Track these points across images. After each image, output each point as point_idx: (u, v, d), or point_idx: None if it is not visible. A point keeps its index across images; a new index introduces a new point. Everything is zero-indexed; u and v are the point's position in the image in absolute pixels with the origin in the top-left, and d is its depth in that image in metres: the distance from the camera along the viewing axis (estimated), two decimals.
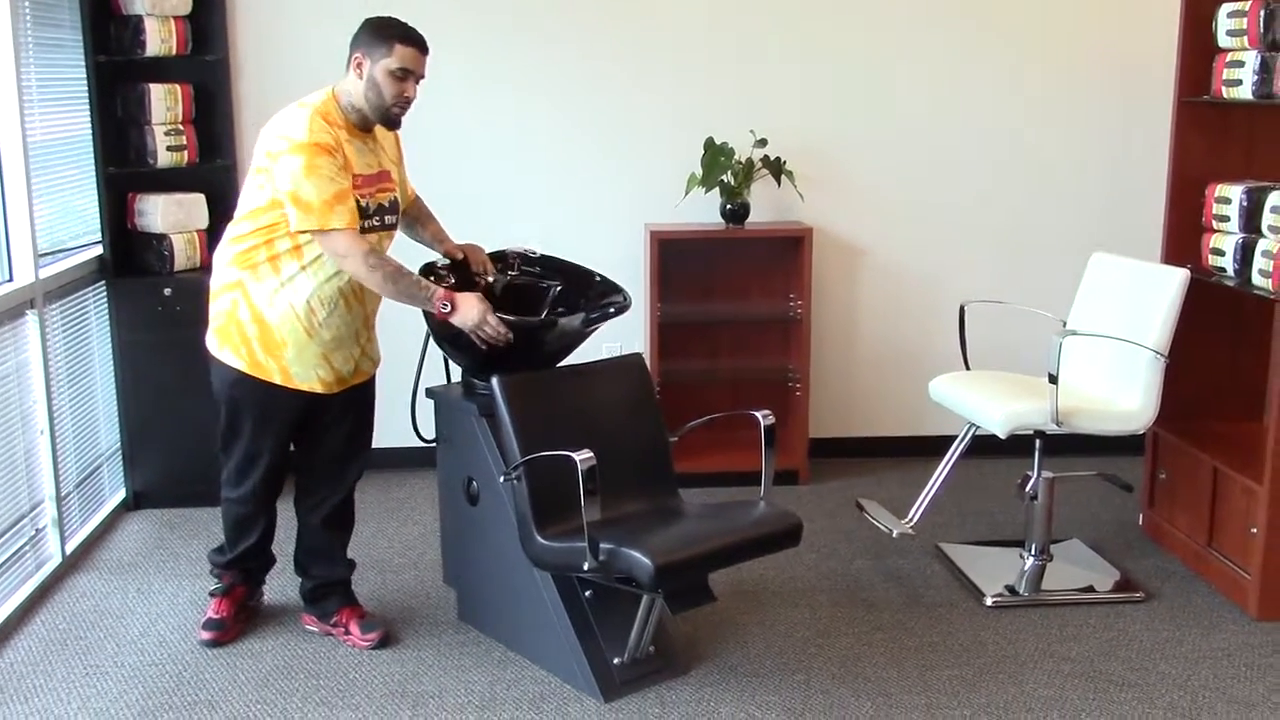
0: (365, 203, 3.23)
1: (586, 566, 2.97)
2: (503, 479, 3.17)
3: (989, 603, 3.72)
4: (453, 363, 3.61)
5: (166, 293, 4.39)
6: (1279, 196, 3.61)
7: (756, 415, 3.31)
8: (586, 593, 3.25)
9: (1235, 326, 4.07)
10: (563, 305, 3.58)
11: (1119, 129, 4.93)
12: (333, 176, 3.09)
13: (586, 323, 3.40)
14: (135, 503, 4.57)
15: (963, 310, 4.18)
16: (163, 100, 4.39)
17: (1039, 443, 3.86)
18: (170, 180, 4.51)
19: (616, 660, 3.22)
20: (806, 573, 3.99)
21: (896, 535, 3.90)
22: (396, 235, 3.46)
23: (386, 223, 3.34)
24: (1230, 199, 3.81)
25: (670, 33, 4.80)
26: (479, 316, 3.17)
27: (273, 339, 3.26)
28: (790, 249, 4.84)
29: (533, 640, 3.36)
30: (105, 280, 4.41)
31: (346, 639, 3.51)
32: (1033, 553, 3.92)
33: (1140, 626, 3.59)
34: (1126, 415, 3.70)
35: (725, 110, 4.82)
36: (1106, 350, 3.83)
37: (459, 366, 3.56)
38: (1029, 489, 3.88)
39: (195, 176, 4.56)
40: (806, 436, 4.86)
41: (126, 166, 4.41)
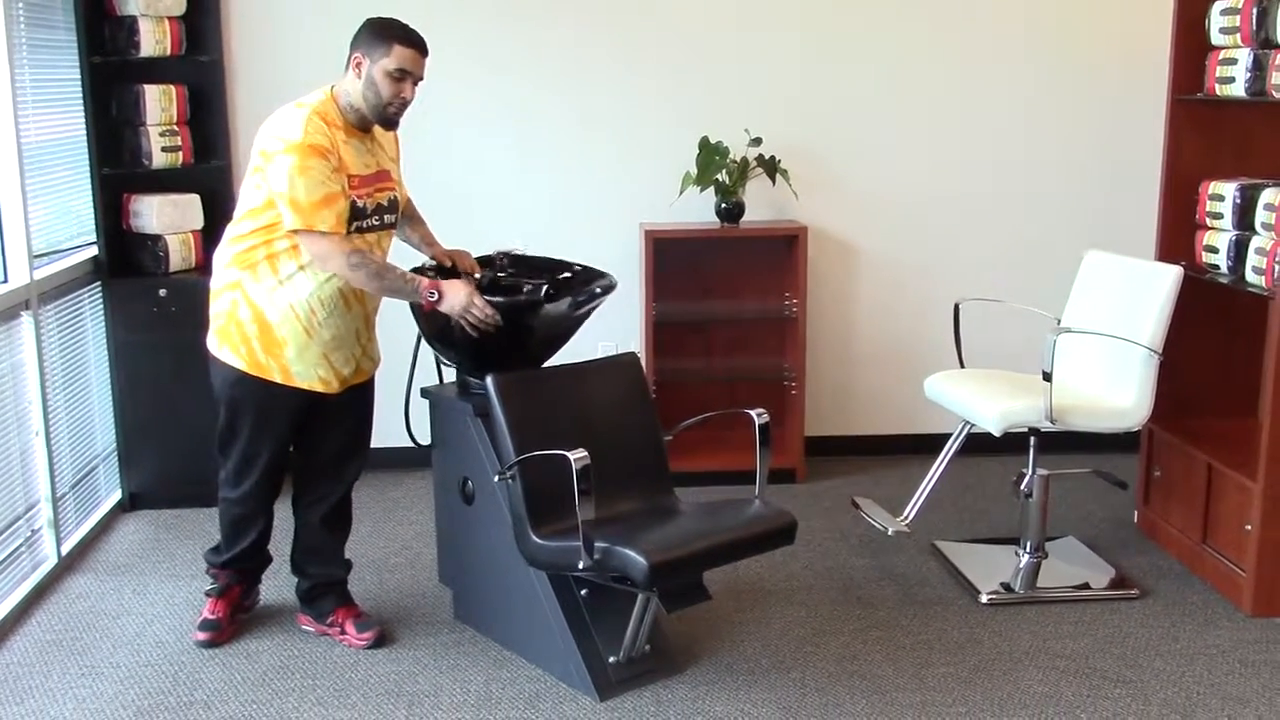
0: (363, 203, 3.23)
1: (581, 565, 2.97)
2: (498, 478, 3.18)
3: (984, 600, 3.73)
4: (445, 362, 3.60)
5: (162, 293, 4.40)
6: (1272, 194, 3.63)
7: (751, 414, 3.31)
8: (582, 592, 3.25)
9: (1229, 323, 4.08)
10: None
11: (1113, 127, 4.93)
12: (323, 179, 3.09)
13: (574, 306, 3.40)
14: (131, 503, 4.57)
15: (957, 308, 4.19)
16: (157, 101, 4.39)
17: (1034, 440, 3.86)
18: (165, 181, 4.51)
19: (612, 659, 3.22)
20: (802, 571, 3.99)
21: (892, 533, 3.91)
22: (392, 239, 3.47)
23: (386, 221, 3.34)
24: (1224, 196, 3.82)
25: (665, 32, 4.81)
26: (465, 299, 3.17)
27: (273, 338, 3.26)
28: (785, 248, 4.84)
29: (528, 639, 3.37)
30: (100, 281, 4.41)
31: (342, 639, 3.51)
32: (1028, 550, 3.93)
33: (1135, 623, 3.60)
34: (1121, 412, 3.71)
35: (720, 109, 4.82)
36: (1101, 348, 3.84)
37: (451, 365, 3.55)
38: (1024, 486, 3.88)
39: (190, 177, 4.57)
40: (802, 435, 4.87)
41: (121, 167, 4.41)
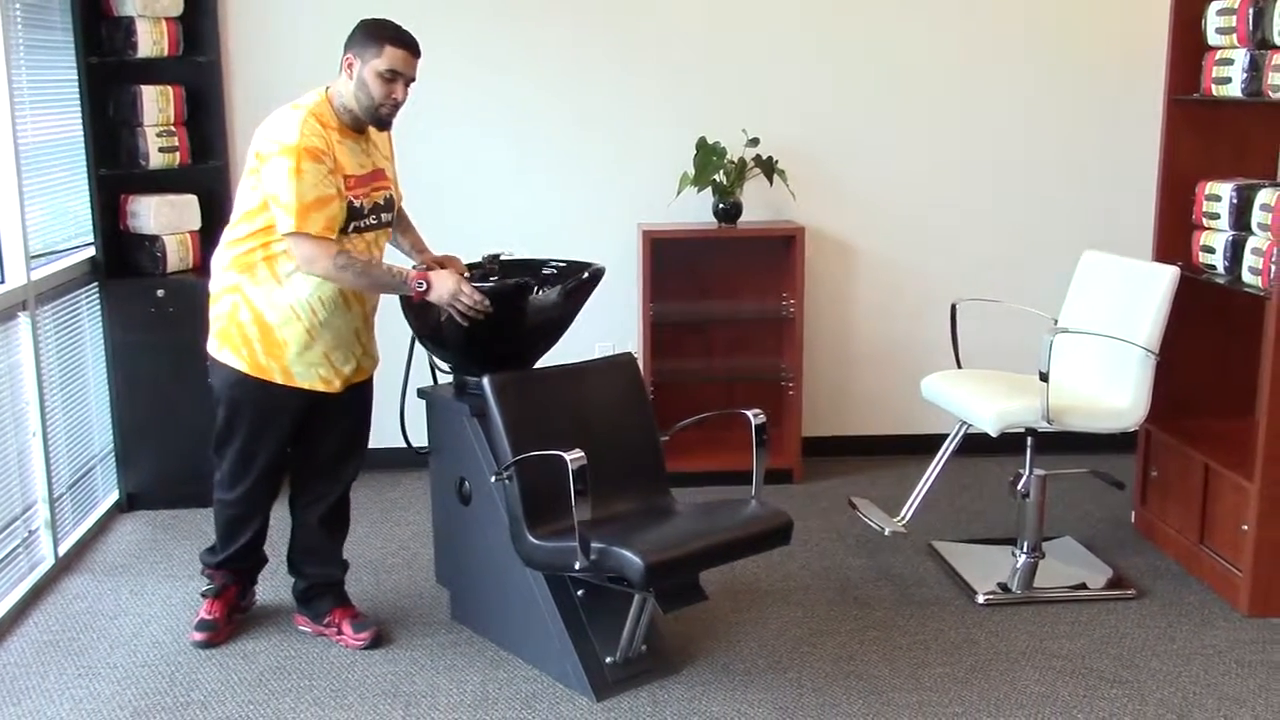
0: (360, 203, 3.23)
1: (578, 566, 2.97)
2: (494, 479, 3.18)
3: (981, 600, 3.73)
4: (441, 367, 3.60)
5: (159, 294, 4.40)
6: (1269, 194, 3.63)
7: (747, 414, 3.31)
8: (579, 592, 3.25)
9: (1226, 324, 4.08)
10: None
11: (1110, 127, 4.93)
12: (316, 182, 3.09)
13: (564, 293, 3.39)
14: (129, 504, 4.57)
15: (954, 309, 4.19)
16: (155, 102, 4.39)
17: (1031, 440, 3.86)
18: (162, 181, 4.51)
19: (609, 659, 3.22)
20: (799, 571, 3.99)
21: (889, 533, 3.91)
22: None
23: (383, 220, 3.35)
24: (1220, 197, 3.82)
25: (662, 33, 4.81)
26: (454, 287, 3.18)
27: (274, 339, 3.26)
28: (782, 248, 4.84)
29: (525, 640, 3.37)
30: (98, 282, 4.41)
31: (339, 639, 3.51)
32: (1025, 550, 3.93)
33: (1132, 623, 3.60)
34: (1117, 413, 3.72)
35: (717, 110, 4.82)
36: (1098, 348, 3.84)
37: (445, 365, 3.55)
38: (1021, 487, 3.88)
39: (187, 178, 4.57)
40: (799, 435, 4.87)
41: (118, 168, 4.41)
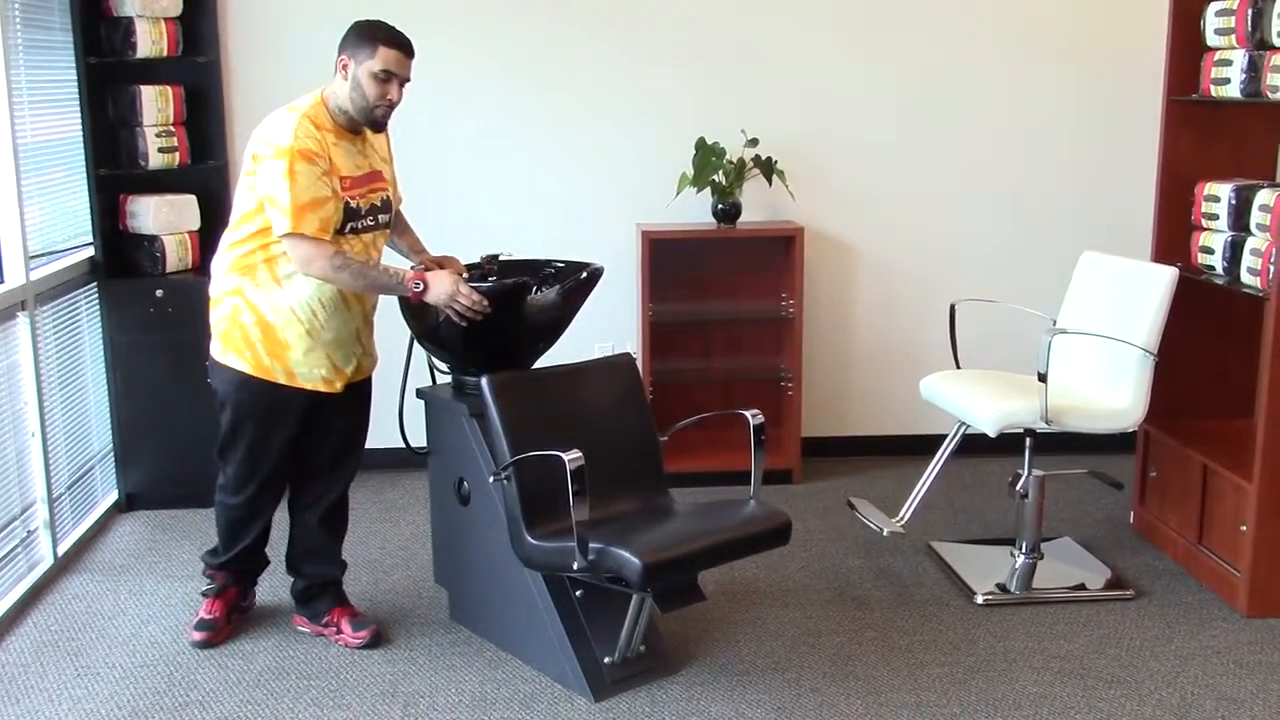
0: (356, 204, 3.24)
1: (576, 566, 2.97)
2: (493, 479, 3.18)
3: (980, 601, 3.73)
4: (440, 367, 3.60)
5: (158, 294, 4.40)
6: (1267, 195, 3.63)
7: (746, 415, 3.31)
8: (577, 592, 3.25)
9: (1225, 324, 4.08)
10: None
11: (1109, 128, 4.93)
12: (311, 183, 3.09)
13: (562, 292, 3.39)
14: (128, 504, 4.57)
15: (953, 309, 4.19)
16: (154, 102, 4.40)
17: (1029, 441, 3.86)
18: (162, 182, 4.51)
19: (607, 660, 3.22)
20: (798, 571, 3.99)
21: (888, 534, 3.91)
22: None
23: (380, 221, 3.35)
24: (1219, 197, 3.82)
25: (661, 33, 4.81)
26: (451, 287, 3.18)
27: (277, 340, 3.27)
28: (782, 248, 4.84)
29: (523, 640, 3.37)
30: (97, 282, 4.41)
31: (338, 638, 3.51)
32: (1024, 551, 3.93)
33: (1130, 624, 3.60)
34: (1116, 413, 3.71)
35: (716, 110, 4.82)
36: (1096, 349, 3.84)
37: (444, 365, 3.55)
38: (1020, 487, 3.88)
39: (187, 178, 4.57)
40: (799, 436, 4.87)
41: (118, 168, 4.41)
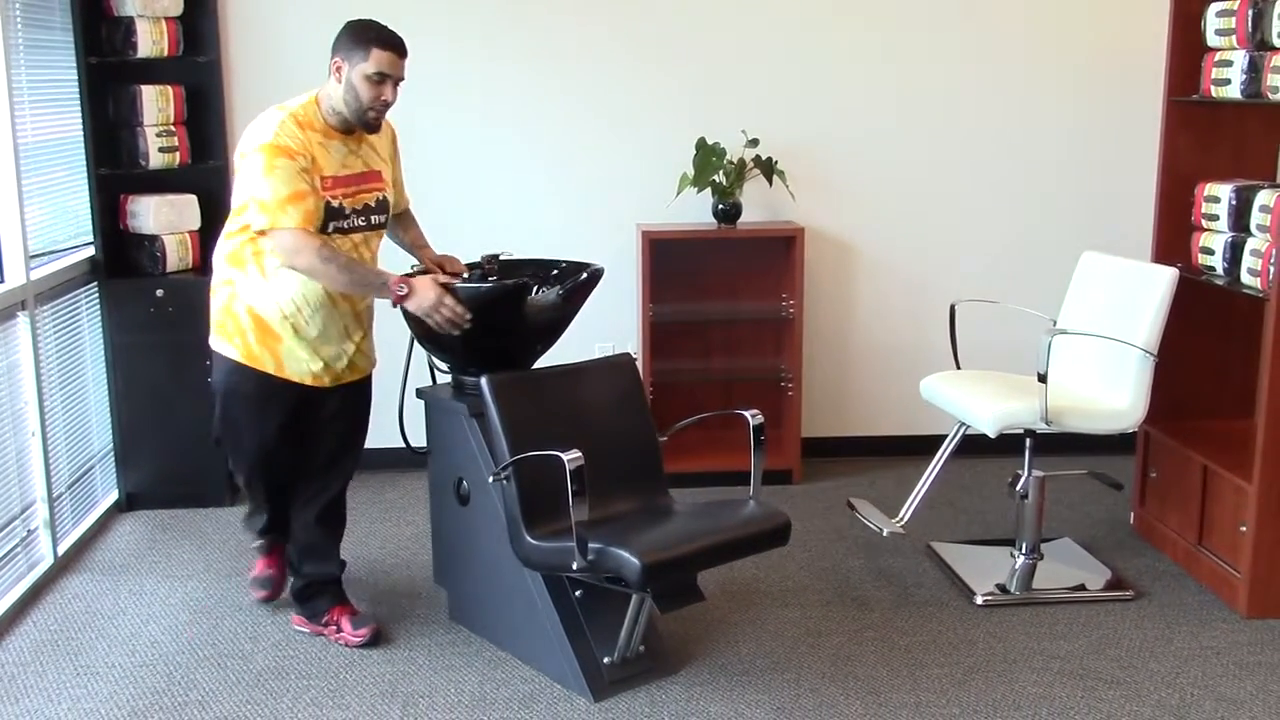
0: (339, 203, 3.25)
1: (575, 566, 2.97)
2: (492, 479, 3.18)
3: (979, 601, 3.73)
4: (438, 362, 3.60)
5: (159, 294, 4.40)
6: (1268, 195, 3.62)
7: (745, 415, 3.31)
8: (577, 592, 3.25)
9: (1225, 325, 4.08)
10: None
11: (1109, 128, 4.93)
12: (289, 178, 3.13)
13: (563, 294, 3.39)
14: (128, 504, 4.57)
15: (953, 309, 4.18)
16: (154, 101, 4.40)
17: (1029, 441, 3.86)
18: (162, 181, 4.51)
19: (606, 660, 3.22)
20: (798, 572, 3.99)
21: (887, 534, 3.91)
22: (383, 240, 3.51)
23: (372, 222, 3.36)
24: (1219, 198, 3.82)
25: (661, 33, 4.81)
26: (435, 298, 3.19)
27: (268, 331, 3.32)
28: (782, 249, 4.84)
29: (523, 640, 3.37)
30: (97, 281, 4.41)
31: (337, 637, 3.51)
32: (1023, 551, 3.93)
33: (1130, 625, 3.60)
34: (1116, 414, 3.71)
35: (717, 110, 4.82)
36: (1096, 349, 3.84)
37: (444, 365, 3.55)
38: (1019, 488, 3.88)
39: (187, 178, 4.57)
40: (799, 436, 4.86)
41: (118, 168, 4.42)
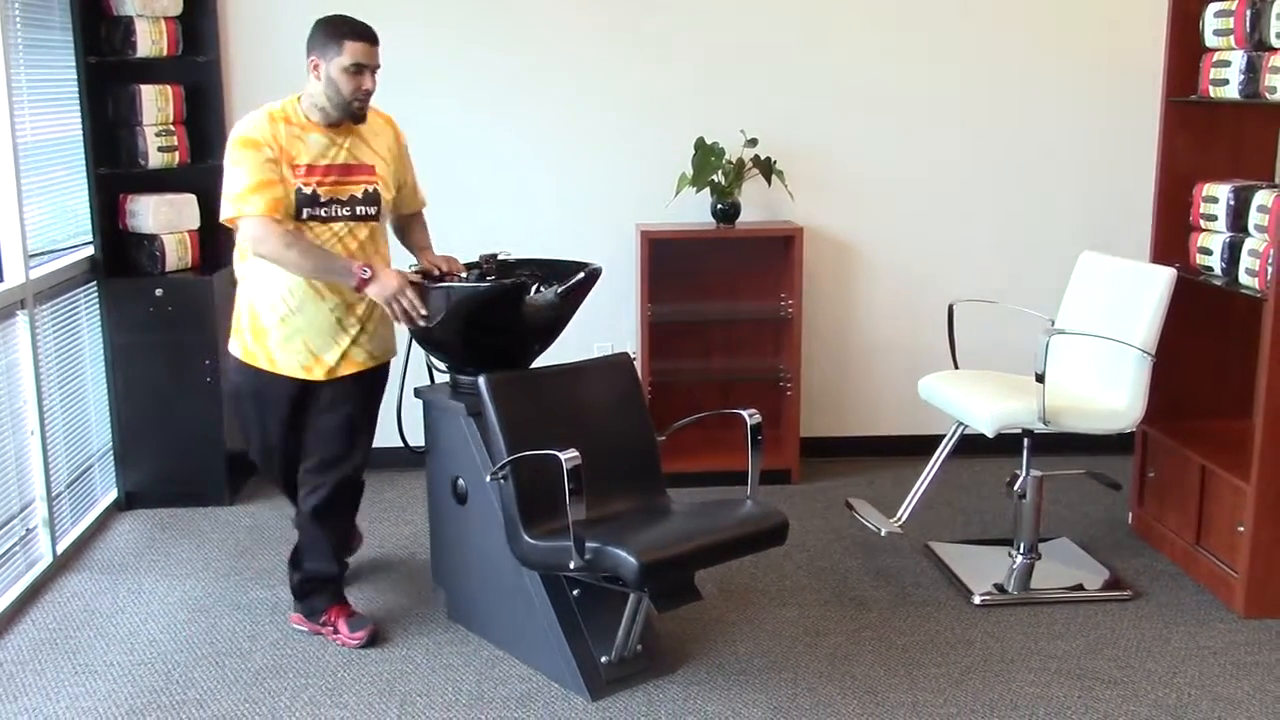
0: (314, 190, 3.29)
1: (573, 565, 2.98)
2: (490, 478, 3.18)
3: (977, 601, 3.73)
4: (436, 361, 3.60)
5: (158, 293, 4.41)
6: (1266, 196, 3.63)
7: (743, 414, 3.32)
8: (574, 592, 3.26)
9: (1223, 325, 4.08)
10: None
11: (1108, 128, 4.93)
12: (254, 168, 3.21)
13: (561, 294, 3.39)
14: (127, 503, 4.58)
15: (951, 309, 4.19)
16: (154, 101, 4.40)
17: (1027, 441, 3.86)
18: (162, 181, 4.52)
19: (604, 659, 3.23)
20: (796, 571, 3.99)
21: (885, 534, 3.91)
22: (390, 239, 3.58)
23: (358, 213, 3.38)
24: (1218, 198, 3.82)
25: (661, 33, 4.81)
26: (396, 287, 3.23)
27: (259, 326, 3.39)
28: (781, 248, 4.84)
29: (521, 639, 3.37)
30: (96, 281, 4.42)
31: (335, 637, 3.51)
32: (1021, 551, 3.93)
33: (1128, 625, 3.60)
34: (1114, 414, 3.71)
35: (716, 110, 4.82)
36: (1094, 349, 3.84)
37: (442, 365, 3.55)
38: (1018, 487, 3.88)
39: (186, 177, 4.58)
40: (797, 436, 4.87)
41: (118, 167, 4.42)
